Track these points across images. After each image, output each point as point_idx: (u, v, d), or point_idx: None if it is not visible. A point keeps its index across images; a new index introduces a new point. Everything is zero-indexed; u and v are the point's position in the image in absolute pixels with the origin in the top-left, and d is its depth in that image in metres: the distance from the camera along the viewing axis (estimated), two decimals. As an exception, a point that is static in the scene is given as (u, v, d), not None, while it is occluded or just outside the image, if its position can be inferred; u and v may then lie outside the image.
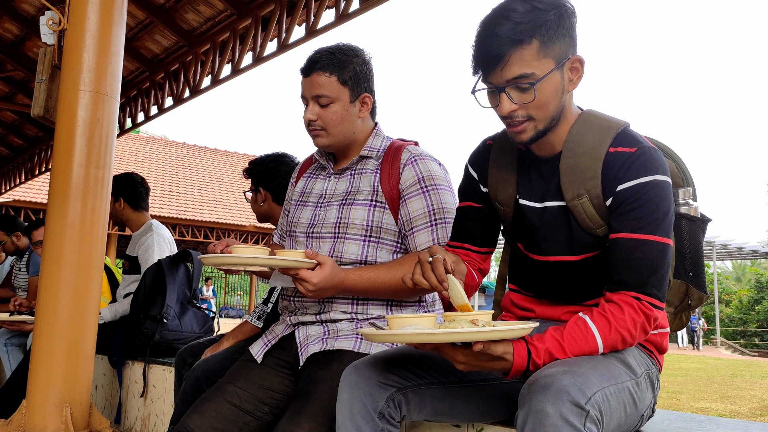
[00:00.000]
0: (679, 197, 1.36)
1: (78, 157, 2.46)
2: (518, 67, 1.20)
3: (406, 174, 1.65)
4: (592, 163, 1.24)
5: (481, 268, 1.49)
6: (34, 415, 2.32)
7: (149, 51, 5.09)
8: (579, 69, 1.26)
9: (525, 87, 1.21)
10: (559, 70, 1.23)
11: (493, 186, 1.42)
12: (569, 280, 1.34)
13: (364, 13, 3.67)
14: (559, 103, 1.26)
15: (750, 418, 6.22)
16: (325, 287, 1.48)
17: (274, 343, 1.70)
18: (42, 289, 2.41)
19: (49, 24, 2.83)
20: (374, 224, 1.63)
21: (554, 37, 1.21)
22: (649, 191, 1.19)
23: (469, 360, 1.12)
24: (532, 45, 1.19)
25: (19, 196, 14.71)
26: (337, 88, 1.64)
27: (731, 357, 18.80)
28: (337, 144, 1.70)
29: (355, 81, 1.66)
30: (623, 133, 1.26)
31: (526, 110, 1.24)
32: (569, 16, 1.24)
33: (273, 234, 2.03)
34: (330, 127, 1.66)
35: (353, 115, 1.68)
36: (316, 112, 1.65)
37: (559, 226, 1.31)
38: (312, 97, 1.65)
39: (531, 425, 0.99)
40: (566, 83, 1.25)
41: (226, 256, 1.46)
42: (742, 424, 1.54)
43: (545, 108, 1.24)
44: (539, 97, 1.22)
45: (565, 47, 1.23)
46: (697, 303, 1.37)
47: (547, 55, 1.21)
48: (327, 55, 1.65)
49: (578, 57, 1.25)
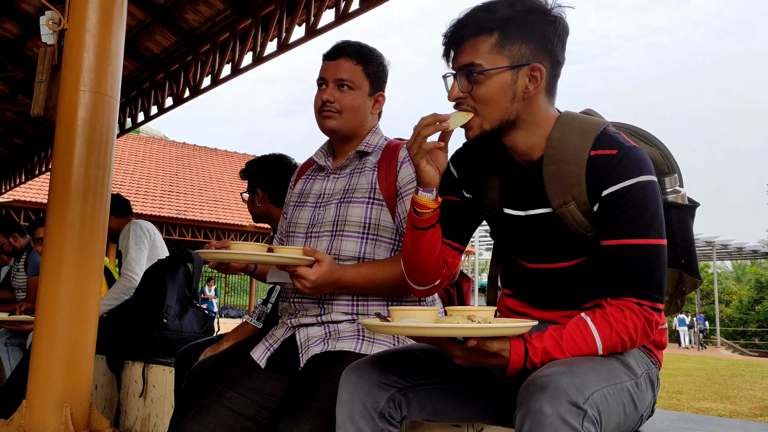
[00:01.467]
0: (666, 185, 1.33)
1: (78, 157, 2.46)
2: (469, 54, 1.22)
3: (403, 172, 1.66)
4: (575, 168, 1.22)
5: (449, 262, 1.43)
6: (34, 415, 2.32)
7: (149, 51, 5.09)
8: (538, 78, 1.22)
9: (470, 77, 1.22)
10: (511, 71, 1.21)
11: (478, 192, 1.40)
12: (562, 286, 1.33)
13: (364, 13, 3.67)
14: (509, 107, 1.23)
15: (750, 418, 6.22)
16: (323, 284, 1.48)
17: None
18: (42, 289, 2.41)
19: (49, 24, 2.82)
20: (372, 221, 1.64)
21: (515, 38, 1.21)
22: (634, 194, 1.17)
23: (466, 355, 1.12)
24: (488, 38, 1.21)
25: (19, 196, 14.70)
26: (361, 78, 1.70)
27: (731, 357, 18.80)
28: (345, 131, 1.72)
29: (375, 77, 1.73)
30: (603, 135, 1.23)
31: (472, 101, 1.24)
32: (545, 24, 1.22)
33: (272, 234, 2.03)
34: (345, 111, 1.69)
35: (367, 109, 1.74)
36: (335, 95, 1.69)
37: (546, 234, 1.29)
38: (334, 80, 1.69)
39: (529, 425, 0.99)
40: (519, 89, 1.22)
41: (224, 252, 1.47)
42: (742, 424, 1.54)
43: (489, 105, 1.23)
44: (480, 90, 1.22)
45: (528, 52, 1.21)
46: (691, 288, 1.36)
47: (502, 53, 1.21)
48: (356, 45, 1.73)
49: (539, 66, 1.22)
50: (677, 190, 1.34)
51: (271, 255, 1.45)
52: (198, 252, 1.54)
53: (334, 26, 3.84)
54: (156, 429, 2.81)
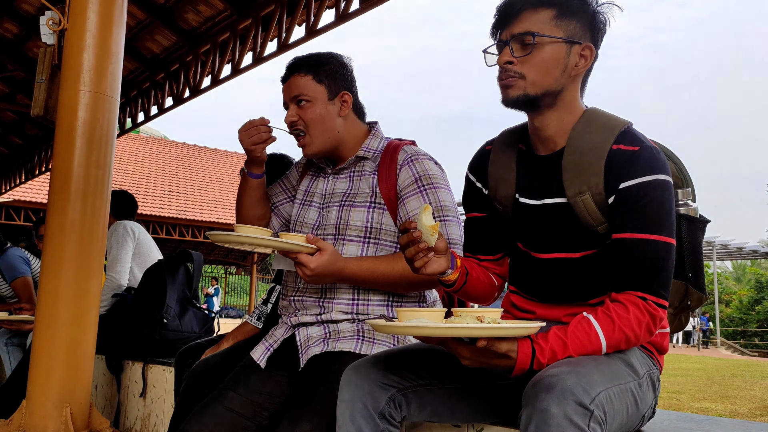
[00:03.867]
0: (679, 198, 1.36)
1: (78, 157, 2.46)
2: (528, 23, 1.26)
3: (403, 174, 1.66)
4: (595, 160, 1.24)
5: (499, 272, 1.51)
6: (34, 415, 2.32)
7: (149, 51, 5.09)
8: (588, 58, 1.29)
9: (527, 42, 1.26)
10: (566, 45, 1.26)
11: (493, 186, 1.42)
12: (569, 279, 1.33)
13: (364, 13, 3.67)
14: (558, 78, 1.27)
15: (750, 418, 6.21)
16: (324, 273, 1.49)
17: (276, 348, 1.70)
18: (42, 289, 2.41)
19: (49, 24, 2.82)
20: (373, 226, 1.64)
21: (572, 15, 1.26)
22: (652, 190, 1.19)
23: (474, 356, 1.13)
24: (547, 11, 1.26)
25: (19, 196, 14.70)
26: (314, 87, 1.68)
27: (731, 357, 18.80)
28: (324, 148, 1.70)
29: (331, 79, 1.70)
30: (626, 132, 1.26)
31: (521, 67, 1.27)
32: (595, 11, 1.28)
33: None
34: (311, 126, 1.68)
35: (333, 114, 1.70)
36: (296, 113, 1.68)
37: (557, 223, 1.31)
38: (291, 99, 1.70)
39: (535, 425, 0.99)
40: (570, 63, 1.27)
41: (230, 234, 1.48)
42: (742, 424, 1.54)
43: (539, 71, 1.26)
44: (536, 55, 1.26)
45: (580, 31, 1.27)
46: (697, 304, 1.37)
47: (559, 26, 1.26)
48: (303, 58, 1.73)
49: (590, 46, 1.28)
50: (689, 203, 1.36)
51: (274, 239, 1.47)
52: (208, 234, 1.55)
53: (334, 26, 3.84)
54: (156, 429, 2.81)
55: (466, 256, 1.52)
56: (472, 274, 1.39)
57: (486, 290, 1.45)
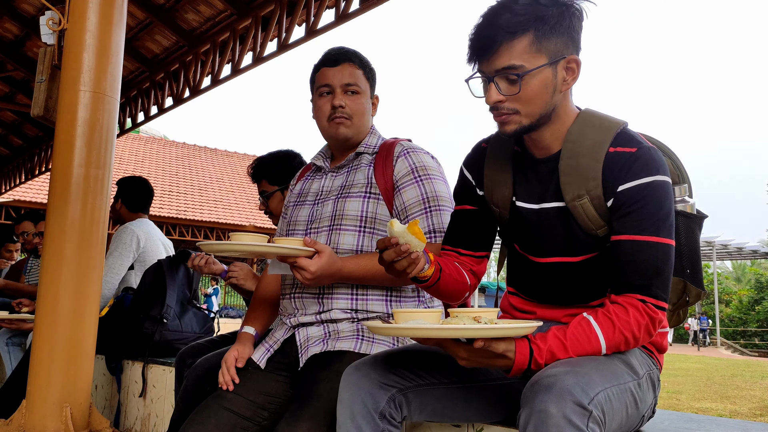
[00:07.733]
0: (676, 194, 1.35)
1: (78, 157, 2.46)
2: (507, 57, 1.21)
3: (399, 165, 1.68)
4: (593, 163, 1.23)
5: (474, 270, 1.48)
6: (34, 415, 2.32)
7: (149, 51, 5.09)
8: (574, 70, 1.26)
9: (513, 79, 1.22)
10: (551, 67, 1.23)
11: (489, 188, 1.41)
12: (568, 282, 1.33)
13: (364, 13, 3.67)
14: (549, 101, 1.25)
15: (750, 418, 6.22)
16: (323, 275, 1.49)
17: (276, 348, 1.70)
18: (42, 288, 2.41)
19: (49, 24, 2.82)
20: (369, 215, 1.66)
21: (550, 34, 1.21)
22: (651, 192, 1.18)
23: (472, 356, 1.13)
24: (524, 38, 1.20)
25: (19, 196, 14.71)
26: (364, 82, 1.75)
27: (731, 357, 18.80)
28: (355, 137, 1.75)
29: (372, 80, 1.79)
30: (623, 133, 1.25)
31: (513, 103, 1.24)
32: (571, 16, 1.23)
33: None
34: (356, 116, 1.72)
35: (369, 111, 1.78)
36: (344, 99, 1.71)
37: (557, 228, 1.30)
38: (342, 86, 1.72)
39: (534, 425, 0.99)
40: (559, 82, 1.25)
41: (225, 243, 1.48)
42: (742, 424, 1.54)
43: (532, 103, 1.23)
44: (525, 90, 1.22)
45: (562, 45, 1.23)
46: (695, 300, 1.37)
47: (540, 51, 1.21)
48: (353, 50, 1.78)
49: (574, 57, 1.25)
50: (686, 199, 1.36)
51: (271, 246, 1.46)
52: (199, 244, 1.54)
53: (334, 26, 3.84)
54: (156, 429, 2.81)
55: (445, 249, 1.51)
56: (445, 270, 1.37)
57: (458, 288, 1.42)
